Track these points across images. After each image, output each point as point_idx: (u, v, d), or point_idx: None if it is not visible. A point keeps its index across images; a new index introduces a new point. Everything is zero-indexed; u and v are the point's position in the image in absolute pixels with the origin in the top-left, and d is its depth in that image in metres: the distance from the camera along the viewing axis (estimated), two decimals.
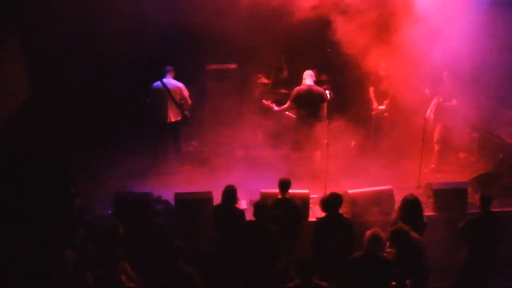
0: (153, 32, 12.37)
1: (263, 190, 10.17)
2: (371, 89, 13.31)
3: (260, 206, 8.73)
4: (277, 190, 9.48)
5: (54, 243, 8.26)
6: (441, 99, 12.21)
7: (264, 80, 13.73)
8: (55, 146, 11.28)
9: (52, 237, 8.38)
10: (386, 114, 13.09)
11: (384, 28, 11.76)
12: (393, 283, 8.39)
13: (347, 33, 11.88)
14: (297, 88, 11.96)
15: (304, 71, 12.08)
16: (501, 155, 12.07)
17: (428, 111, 12.23)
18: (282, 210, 9.15)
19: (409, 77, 11.89)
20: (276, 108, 12.26)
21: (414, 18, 11.47)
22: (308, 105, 11.81)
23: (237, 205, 9.53)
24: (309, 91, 11.83)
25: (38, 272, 8.03)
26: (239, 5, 12.25)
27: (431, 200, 10.74)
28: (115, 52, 11.77)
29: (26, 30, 11.79)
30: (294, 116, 12.23)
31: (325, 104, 11.86)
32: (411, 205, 8.96)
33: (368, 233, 7.97)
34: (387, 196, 10.42)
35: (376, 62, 12.20)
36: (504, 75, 12.38)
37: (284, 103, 12.25)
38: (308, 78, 11.89)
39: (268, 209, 8.77)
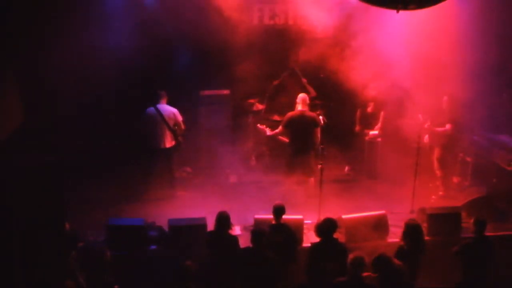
0: (146, 58, 12.41)
1: (257, 216, 10.16)
2: (358, 111, 13.37)
3: (259, 233, 8.68)
4: (271, 216, 9.45)
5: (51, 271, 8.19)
6: (428, 124, 12.18)
7: (258, 106, 13.75)
8: (47, 172, 11.20)
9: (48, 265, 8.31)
10: (379, 139, 13.12)
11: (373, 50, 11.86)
12: None
13: (337, 58, 12.06)
14: (289, 114, 11.96)
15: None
16: (494, 180, 12.10)
17: (426, 137, 12.28)
18: (278, 235, 9.10)
19: (401, 100, 11.97)
20: (269, 132, 12.23)
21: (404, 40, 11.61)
22: (301, 130, 11.81)
23: (230, 231, 9.48)
24: (301, 117, 11.83)
25: None
26: (230, 32, 12.36)
27: (425, 224, 10.70)
28: (107, 78, 11.78)
29: (18, 59, 11.76)
30: (287, 140, 12.21)
31: (319, 130, 11.82)
32: (413, 229, 8.96)
33: (351, 256, 7.96)
34: (381, 221, 10.42)
35: (365, 83, 12.25)
36: (497, 99, 12.44)
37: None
38: (301, 103, 11.90)
39: (265, 236, 8.73)
